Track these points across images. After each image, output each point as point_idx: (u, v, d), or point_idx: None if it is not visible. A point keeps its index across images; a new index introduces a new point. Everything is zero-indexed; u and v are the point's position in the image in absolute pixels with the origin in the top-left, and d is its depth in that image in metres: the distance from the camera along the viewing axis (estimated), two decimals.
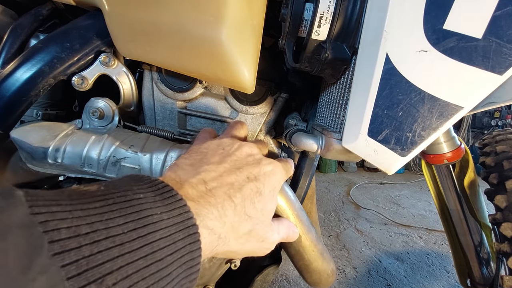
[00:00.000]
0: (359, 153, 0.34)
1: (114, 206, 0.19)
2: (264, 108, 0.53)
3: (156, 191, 0.22)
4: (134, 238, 0.18)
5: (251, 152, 0.33)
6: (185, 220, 0.22)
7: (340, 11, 0.32)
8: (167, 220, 0.20)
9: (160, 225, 0.20)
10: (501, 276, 0.52)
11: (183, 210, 0.22)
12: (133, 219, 0.19)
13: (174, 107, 0.52)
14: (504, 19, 0.23)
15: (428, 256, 1.66)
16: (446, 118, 0.27)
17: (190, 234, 0.22)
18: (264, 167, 0.32)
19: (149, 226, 0.19)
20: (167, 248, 0.20)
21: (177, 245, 0.20)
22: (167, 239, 0.20)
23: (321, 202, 2.34)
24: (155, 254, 0.19)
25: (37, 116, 0.51)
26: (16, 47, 0.47)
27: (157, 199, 0.21)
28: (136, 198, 0.20)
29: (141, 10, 0.37)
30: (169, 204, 0.22)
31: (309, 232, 0.42)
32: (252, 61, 0.39)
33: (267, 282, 0.55)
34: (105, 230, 0.17)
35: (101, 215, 0.18)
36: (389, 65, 0.29)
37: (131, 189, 0.21)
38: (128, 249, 0.17)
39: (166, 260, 0.19)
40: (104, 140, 0.42)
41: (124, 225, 0.18)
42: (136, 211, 0.19)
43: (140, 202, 0.20)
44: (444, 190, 0.64)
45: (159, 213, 0.20)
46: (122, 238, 0.18)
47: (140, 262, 0.18)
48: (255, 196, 0.29)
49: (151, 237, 0.19)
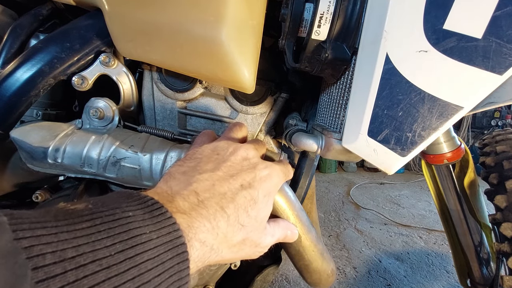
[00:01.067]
0: (359, 153, 0.34)
1: (102, 226, 0.18)
2: (264, 108, 0.53)
3: (145, 208, 0.22)
4: (122, 260, 0.18)
5: (247, 155, 0.32)
6: (174, 239, 0.21)
7: (340, 11, 0.32)
8: (156, 240, 0.20)
9: (149, 245, 0.20)
10: (501, 276, 0.52)
11: (173, 229, 0.22)
12: (121, 240, 0.18)
13: (174, 107, 0.52)
14: (504, 19, 0.23)
15: (428, 256, 1.66)
16: (446, 118, 0.27)
17: (179, 253, 0.21)
18: (259, 172, 0.31)
19: (137, 247, 0.19)
20: (155, 269, 0.19)
21: (165, 265, 0.20)
22: (155, 260, 0.19)
23: (321, 202, 2.34)
24: (143, 276, 0.18)
25: (37, 116, 0.51)
26: (16, 47, 0.47)
27: (146, 217, 0.21)
28: (124, 216, 0.20)
29: (141, 10, 0.37)
30: (158, 222, 0.21)
31: (309, 232, 0.42)
32: (252, 61, 0.39)
33: (267, 282, 0.55)
34: (91, 253, 0.17)
35: (88, 237, 0.17)
36: (389, 65, 0.29)
37: (119, 206, 0.21)
38: (115, 272, 0.17)
39: (153, 281, 0.19)
40: (104, 140, 0.42)
41: (111, 247, 0.18)
42: (124, 231, 0.19)
43: (129, 221, 0.20)
44: (444, 190, 0.64)
45: (148, 233, 0.20)
46: (109, 260, 0.17)
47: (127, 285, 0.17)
48: (249, 204, 0.29)
49: (139, 258, 0.19)
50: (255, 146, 0.35)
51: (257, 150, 0.35)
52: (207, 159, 0.31)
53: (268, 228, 0.33)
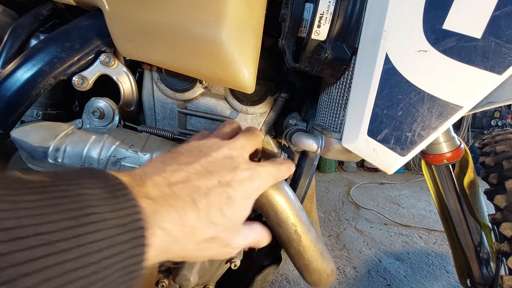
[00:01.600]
0: (359, 153, 0.34)
1: (52, 201, 0.17)
2: (264, 108, 0.54)
3: (107, 187, 0.21)
4: (68, 238, 0.17)
5: (230, 154, 0.31)
6: (132, 222, 0.20)
7: (340, 11, 0.32)
8: (111, 221, 0.19)
9: (102, 226, 0.18)
10: (501, 276, 0.52)
11: (132, 211, 0.21)
12: (70, 217, 0.17)
13: (174, 107, 0.52)
14: (503, 19, 0.23)
15: (428, 256, 1.66)
16: (446, 118, 0.27)
17: (136, 237, 0.20)
18: (241, 172, 0.30)
19: (87, 226, 0.18)
20: (105, 251, 0.18)
21: (118, 248, 0.19)
22: (107, 241, 0.18)
23: (321, 202, 2.34)
24: (90, 256, 0.17)
25: (38, 116, 0.51)
26: (17, 47, 0.47)
27: (106, 197, 0.20)
28: (81, 193, 0.19)
29: (141, 10, 0.37)
30: (117, 203, 0.20)
31: (309, 232, 0.42)
32: (252, 61, 0.39)
33: (267, 282, 0.55)
34: (32, 227, 0.16)
35: (33, 209, 0.16)
36: (388, 65, 0.29)
37: (79, 183, 0.20)
38: (57, 249, 0.16)
39: (101, 263, 0.18)
40: (104, 140, 0.42)
41: (58, 223, 0.17)
42: (76, 208, 0.18)
43: (85, 199, 0.19)
44: (444, 190, 0.64)
45: (103, 213, 0.19)
46: (53, 236, 0.16)
47: (69, 264, 0.16)
48: (224, 203, 0.28)
49: (89, 237, 0.18)
50: (244, 143, 0.33)
51: (245, 148, 0.33)
52: (189, 153, 0.30)
53: (243, 230, 0.31)
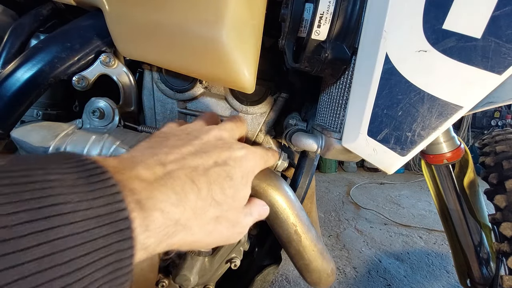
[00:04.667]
0: (359, 153, 0.34)
1: (7, 188, 0.14)
2: (264, 108, 0.54)
3: (80, 172, 0.18)
4: (25, 234, 0.14)
5: (221, 135, 0.30)
6: (114, 212, 0.17)
7: (340, 11, 0.32)
8: (85, 212, 0.16)
9: (73, 217, 0.16)
10: (501, 276, 0.52)
11: (113, 199, 0.18)
12: (31, 208, 0.14)
13: (174, 107, 0.52)
14: (503, 19, 0.23)
15: (428, 256, 1.66)
16: (446, 118, 0.27)
17: (120, 229, 0.17)
18: (235, 151, 0.29)
19: (53, 218, 0.15)
20: (80, 247, 0.16)
21: (97, 243, 0.16)
22: (80, 235, 0.16)
23: (321, 202, 2.34)
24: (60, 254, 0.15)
25: (38, 116, 0.51)
26: (17, 47, 0.47)
27: (78, 183, 0.17)
28: (46, 180, 0.16)
29: (142, 10, 0.37)
30: (93, 190, 0.17)
31: (309, 232, 0.42)
32: (252, 61, 0.39)
33: (267, 282, 0.55)
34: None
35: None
36: (388, 65, 0.29)
37: (44, 167, 0.16)
38: (13, 248, 0.13)
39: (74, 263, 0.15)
40: (104, 140, 0.42)
41: (13, 216, 0.14)
42: (37, 197, 0.15)
43: (50, 186, 0.16)
44: (444, 190, 0.64)
45: (75, 202, 0.16)
46: (8, 232, 0.13)
47: (31, 265, 0.14)
48: (224, 181, 0.26)
49: (54, 232, 0.15)
50: (231, 126, 0.33)
51: (234, 131, 0.33)
52: (176, 137, 0.28)
53: (246, 208, 0.31)
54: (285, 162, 0.45)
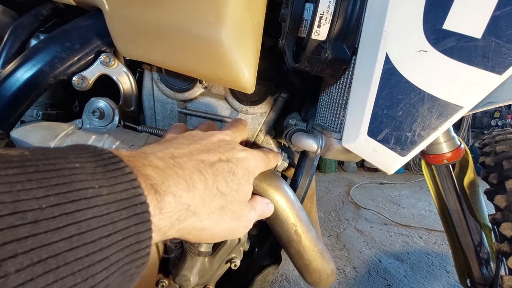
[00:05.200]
0: (359, 153, 0.34)
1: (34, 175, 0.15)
2: (264, 108, 0.54)
3: (99, 161, 0.19)
4: (55, 216, 0.15)
5: (224, 138, 0.32)
6: (131, 197, 0.19)
7: (340, 11, 0.32)
8: (106, 196, 0.17)
9: (96, 201, 0.17)
10: (501, 276, 0.52)
11: (130, 186, 0.19)
12: (57, 192, 0.15)
13: (174, 107, 0.52)
14: (504, 19, 0.23)
15: (428, 256, 1.66)
16: (446, 118, 0.27)
17: (137, 213, 0.19)
18: (237, 152, 0.31)
19: (79, 202, 0.16)
20: (102, 229, 0.17)
21: (117, 225, 0.17)
22: (102, 218, 0.17)
23: (321, 202, 2.34)
24: (84, 235, 0.16)
25: (38, 116, 0.51)
26: (17, 47, 0.47)
27: (98, 171, 0.18)
28: (68, 167, 0.17)
29: (142, 10, 0.37)
30: (112, 177, 0.18)
31: (309, 232, 0.42)
32: (252, 61, 0.39)
33: (267, 282, 0.55)
34: (12, 203, 0.14)
35: (12, 185, 0.14)
36: (388, 65, 0.29)
37: (65, 157, 0.18)
38: (44, 229, 0.14)
39: (99, 242, 0.16)
40: (104, 140, 0.42)
41: (42, 199, 0.15)
42: (63, 183, 0.16)
43: (73, 173, 0.17)
44: (444, 190, 0.64)
45: (97, 187, 0.17)
46: (37, 214, 0.14)
47: (61, 244, 0.15)
48: (228, 175, 0.28)
49: (80, 215, 0.16)
50: (234, 131, 0.35)
51: (235, 135, 0.35)
52: (184, 138, 0.30)
53: (250, 204, 0.33)
54: (285, 162, 0.45)
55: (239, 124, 0.37)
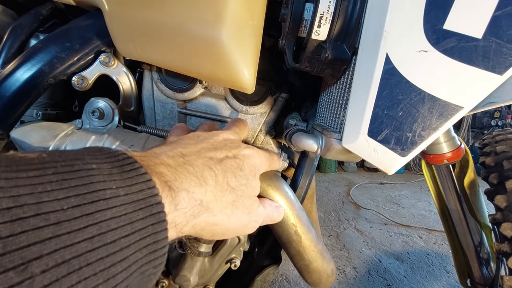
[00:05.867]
0: (359, 153, 0.34)
1: (55, 177, 0.15)
2: (264, 108, 0.53)
3: (114, 162, 0.19)
4: (77, 217, 0.15)
5: (228, 137, 0.33)
6: (147, 197, 0.19)
7: (340, 11, 0.32)
8: (124, 197, 0.18)
9: (114, 202, 0.17)
10: (501, 276, 0.52)
11: (146, 186, 0.19)
12: (77, 194, 0.16)
13: (174, 107, 0.52)
14: (504, 19, 0.23)
15: (428, 256, 1.66)
16: (446, 118, 0.27)
17: (153, 213, 0.19)
18: (243, 150, 0.32)
19: (98, 203, 0.16)
20: (121, 229, 0.17)
21: (135, 225, 0.18)
22: (121, 218, 0.17)
23: (321, 202, 2.34)
24: (105, 235, 0.16)
25: (37, 116, 0.51)
26: (16, 47, 0.47)
27: (114, 172, 0.18)
28: (86, 168, 0.17)
29: (141, 10, 0.37)
30: (128, 178, 0.19)
31: (309, 232, 0.42)
32: (252, 61, 0.39)
33: (267, 282, 0.55)
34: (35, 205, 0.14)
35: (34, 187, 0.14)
36: (389, 65, 0.29)
37: (82, 158, 0.18)
38: (67, 229, 0.14)
39: (119, 242, 0.16)
40: (104, 140, 0.42)
41: (64, 200, 0.15)
42: (83, 184, 0.16)
43: (91, 174, 0.17)
44: (444, 190, 0.64)
45: (114, 188, 0.17)
46: (60, 215, 0.14)
47: (83, 245, 0.15)
48: (236, 171, 0.29)
49: (100, 215, 0.16)
50: (236, 130, 0.36)
51: (238, 134, 0.36)
52: (189, 139, 0.31)
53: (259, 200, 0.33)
54: (285, 162, 0.45)
55: (240, 124, 0.38)
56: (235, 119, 0.39)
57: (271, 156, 0.36)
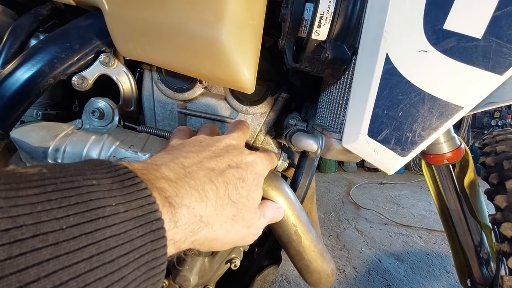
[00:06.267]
0: (359, 153, 0.34)
1: (54, 195, 0.15)
2: (264, 108, 0.53)
3: (115, 177, 0.19)
4: (75, 236, 0.15)
5: (231, 143, 0.33)
6: (147, 213, 0.19)
7: (340, 11, 0.32)
8: (124, 214, 0.17)
9: (114, 220, 0.17)
10: (501, 276, 0.52)
11: (146, 202, 0.19)
12: (77, 212, 0.15)
13: (174, 107, 0.52)
14: (504, 19, 0.23)
15: (428, 256, 1.66)
16: (446, 118, 0.27)
17: (153, 230, 0.19)
18: (246, 157, 0.31)
19: (98, 221, 0.16)
20: (120, 248, 0.17)
21: (134, 243, 0.17)
22: (121, 236, 0.17)
23: (321, 202, 2.34)
24: (103, 255, 0.16)
25: (37, 116, 0.51)
26: (16, 47, 0.47)
27: (114, 187, 0.18)
28: (86, 185, 0.17)
29: (141, 10, 0.37)
30: (129, 193, 0.18)
31: (309, 232, 0.42)
32: (252, 61, 0.39)
33: (267, 282, 0.55)
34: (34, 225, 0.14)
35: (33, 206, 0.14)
36: (389, 65, 0.29)
37: (82, 173, 0.18)
38: (65, 250, 0.14)
39: (118, 261, 0.16)
40: (104, 140, 0.42)
41: (63, 220, 0.15)
42: (83, 202, 0.16)
43: (91, 191, 0.17)
44: (444, 190, 0.64)
45: (114, 205, 0.17)
46: (58, 235, 0.14)
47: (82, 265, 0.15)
48: (238, 182, 0.28)
49: (99, 234, 0.16)
50: (239, 134, 0.35)
51: (241, 139, 0.35)
52: (191, 145, 0.30)
53: (260, 210, 0.33)
54: (285, 162, 0.45)
55: (242, 126, 0.37)
56: (237, 122, 0.39)
57: (271, 157, 0.36)
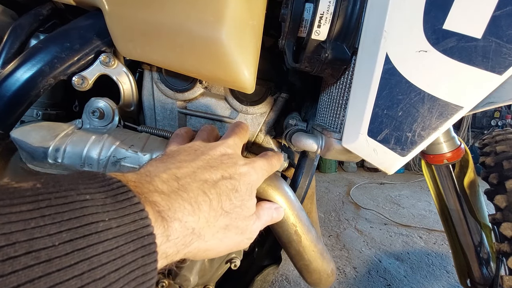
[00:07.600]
0: (359, 153, 0.34)
1: (47, 210, 0.15)
2: (264, 108, 0.54)
3: (108, 191, 0.19)
4: (68, 253, 0.15)
5: (226, 152, 0.32)
6: (139, 228, 0.19)
7: (340, 11, 0.32)
8: (116, 229, 0.18)
9: (106, 235, 0.17)
10: (501, 276, 0.52)
11: (139, 217, 0.19)
12: (69, 228, 0.16)
13: (174, 107, 0.52)
14: (504, 19, 0.23)
15: (428, 256, 1.66)
16: (446, 118, 0.27)
17: (144, 245, 0.19)
18: (239, 168, 0.31)
19: (90, 237, 0.16)
20: (111, 264, 0.17)
21: (125, 259, 0.17)
22: (112, 252, 0.17)
23: (321, 202, 2.34)
24: (94, 271, 0.16)
25: (37, 116, 0.51)
26: (16, 47, 0.47)
27: (108, 202, 0.18)
28: (79, 200, 0.17)
29: (141, 10, 0.37)
30: (121, 208, 0.19)
31: (309, 232, 0.42)
32: (252, 61, 0.39)
33: (267, 282, 0.55)
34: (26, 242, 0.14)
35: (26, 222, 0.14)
36: (389, 65, 0.29)
37: (76, 188, 0.18)
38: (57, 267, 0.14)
39: (108, 277, 0.16)
40: (104, 140, 0.42)
41: (55, 236, 0.15)
42: (76, 217, 0.16)
43: (84, 206, 0.17)
44: (444, 190, 0.64)
45: (107, 220, 0.17)
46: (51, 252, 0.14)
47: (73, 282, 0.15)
48: (231, 193, 0.29)
49: (91, 250, 0.16)
50: (235, 140, 0.35)
51: (237, 145, 0.35)
52: (186, 152, 0.30)
53: (255, 215, 0.33)
54: (285, 162, 0.45)
55: (240, 130, 0.37)
56: (235, 125, 0.38)
57: (269, 163, 0.36)
